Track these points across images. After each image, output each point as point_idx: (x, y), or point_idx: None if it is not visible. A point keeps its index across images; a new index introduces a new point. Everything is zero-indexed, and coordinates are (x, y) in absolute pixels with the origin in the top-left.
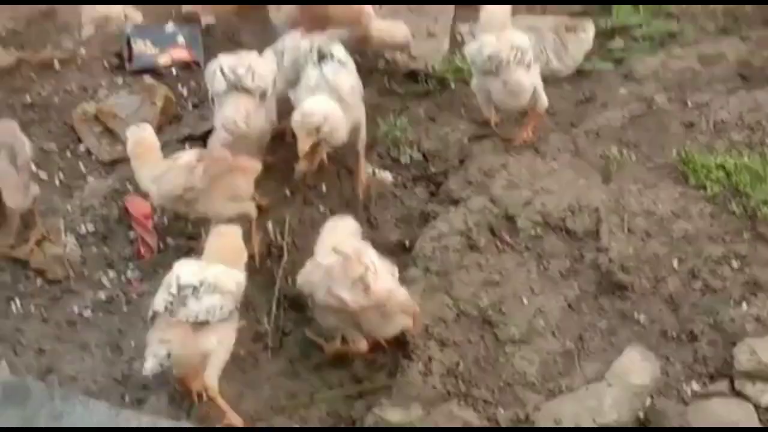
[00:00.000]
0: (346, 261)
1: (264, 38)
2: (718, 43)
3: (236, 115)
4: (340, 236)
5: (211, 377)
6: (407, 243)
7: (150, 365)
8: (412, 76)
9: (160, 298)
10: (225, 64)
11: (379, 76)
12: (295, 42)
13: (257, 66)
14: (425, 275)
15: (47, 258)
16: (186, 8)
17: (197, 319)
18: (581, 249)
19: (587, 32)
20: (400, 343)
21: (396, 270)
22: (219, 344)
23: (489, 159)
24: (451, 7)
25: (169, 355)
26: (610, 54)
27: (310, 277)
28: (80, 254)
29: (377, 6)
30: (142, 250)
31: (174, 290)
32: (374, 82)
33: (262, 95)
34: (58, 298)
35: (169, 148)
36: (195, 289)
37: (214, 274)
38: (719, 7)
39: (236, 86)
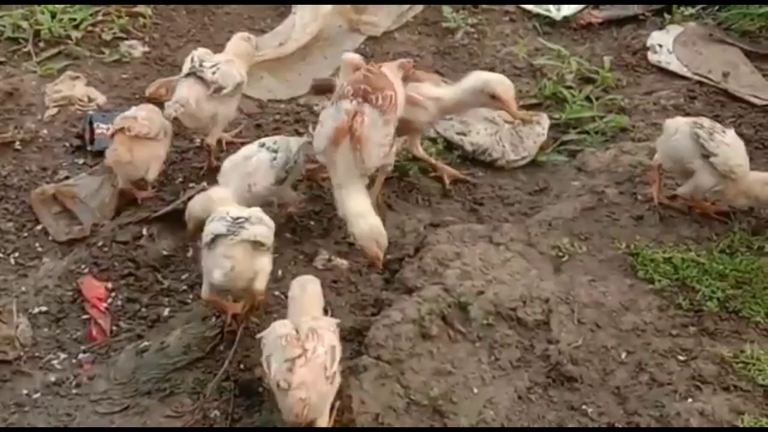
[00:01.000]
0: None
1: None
2: None
3: (185, 96)
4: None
5: (262, 287)
6: (361, 330)
7: (217, 276)
8: None
9: (219, 225)
10: (197, 53)
11: None
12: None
13: (224, 66)
14: (377, 363)
15: None
16: (150, 91)
17: (255, 238)
18: (532, 339)
19: (542, 124)
20: None
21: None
22: (268, 265)
23: (444, 248)
24: None
25: (232, 268)
26: (563, 146)
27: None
28: (32, 335)
29: None
30: (95, 332)
31: (230, 218)
32: None
33: (217, 90)
34: (7, 380)
35: (125, 231)
36: (247, 219)
37: (254, 211)
38: (670, 104)
39: (195, 73)
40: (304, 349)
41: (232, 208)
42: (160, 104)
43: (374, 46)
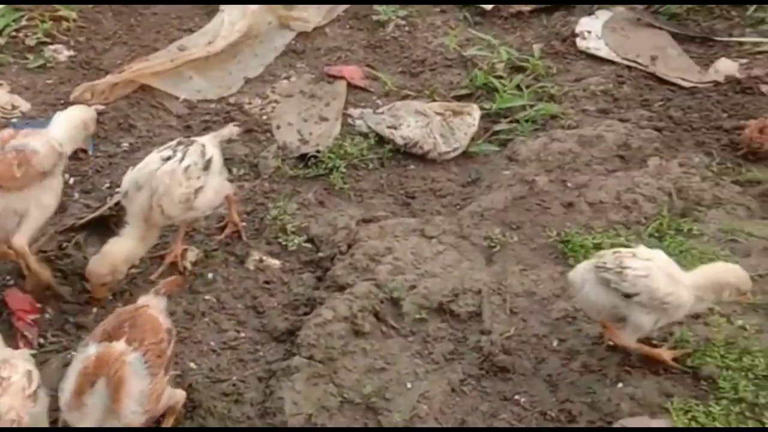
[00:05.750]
0: None
1: (156, 123)
2: (598, 125)
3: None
4: None
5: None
6: (294, 331)
7: None
8: (303, 159)
9: None
10: None
11: (272, 160)
12: None
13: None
14: (309, 363)
15: None
16: (75, 95)
17: None
18: (465, 331)
19: (473, 115)
20: None
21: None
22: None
23: (375, 243)
24: (343, 92)
25: None
26: (495, 136)
27: None
28: None
29: None
30: (21, 344)
31: None
32: (266, 167)
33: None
34: None
35: (50, 240)
36: None
37: None
38: (599, 89)
39: None
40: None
41: None
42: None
43: (305, 42)
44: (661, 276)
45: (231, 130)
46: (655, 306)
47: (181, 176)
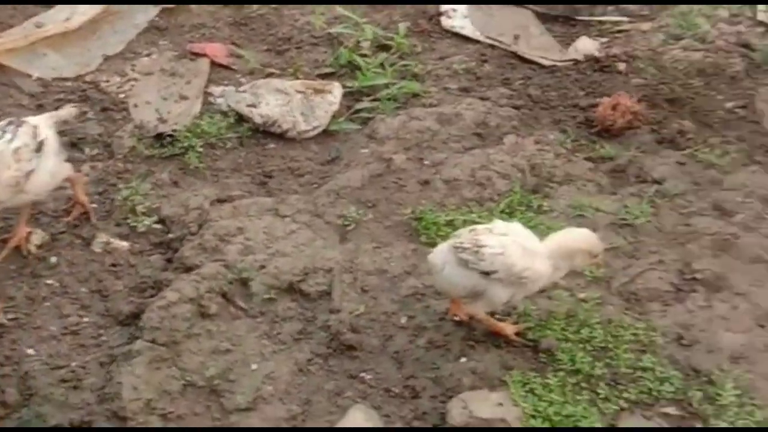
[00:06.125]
0: None
1: (6, 102)
2: (458, 103)
3: None
4: None
5: None
6: (139, 314)
7: None
8: (160, 138)
9: None
10: None
11: (127, 140)
12: None
13: None
14: (152, 347)
15: None
16: None
17: None
18: (314, 311)
19: (334, 94)
20: None
21: None
22: None
23: (226, 224)
24: (206, 70)
25: None
26: (356, 115)
27: None
28: None
29: None
30: None
31: None
32: (121, 147)
33: None
34: None
35: None
36: None
37: None
38: (462, 68)
39: None
40: None
41: None
42: None
43: (169, 19)
44: (517, 251)
45: (69, 111)
46: (513, 281)
47: (10, 158)
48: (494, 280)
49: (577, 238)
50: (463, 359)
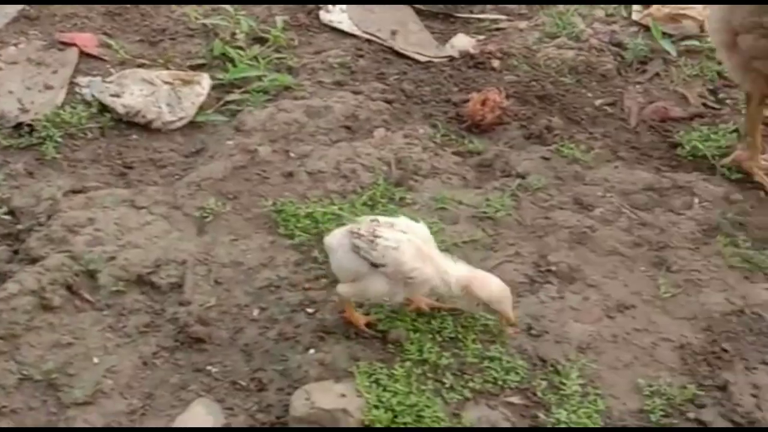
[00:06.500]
0: None
1: None
2: (329, 96)
3: None
4: None
5: None
6: None
7: None
8: (19, 128)
9: None
10: None
11: None
12: None
13: None
14: None
15: None
16: None
17: None
18: (164, 303)
19: (202, 85)
20: None
21: None
22: None
23: (76, 214)
24: (74, 60)
25: None
26: (225, 107)
27: None
28: None
29: None
30: None
31: None
32: None
33: None
34: None
35: None
36: None
37: None
38: (337, 62)
39: None
40: None
41: None
42: None
43: (40, 8)
44: (410, 250)
45: None
46: (399, 279)
47: None
48: (380, 273)
49: (491, 289)
50: (312, 351)
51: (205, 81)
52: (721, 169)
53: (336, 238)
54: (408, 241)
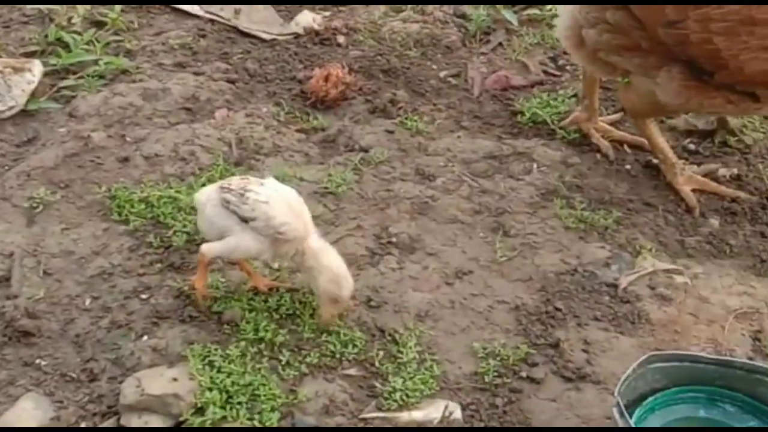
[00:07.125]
0: None
1: None
2: (168, 78)
3: None
4: None
5: None
6: None
7: None
8: None
9: None
10: None
11: None
12: None
13: None
14: None
15: None
16: None
17: None
18: None
19: (33, 72)
20: None
21: None
22: None
23: None
24: None
25: None
26: (59, 93)
27: None
28: None
29: None
30: None
31: None
32: None
33: None
34: None
35: None
36: None
37: None
38: (177, 43)
39: None
40: None
41: None
42: None
43: None
44: (281, 206)
45: None
46: (269, 234)
47: None
48: (249, 229)
49: (331, 284)
50: (145, 337)
51: (36, 68)
52: (561, 132)
53: (205, 194)
54: (279, 197)
